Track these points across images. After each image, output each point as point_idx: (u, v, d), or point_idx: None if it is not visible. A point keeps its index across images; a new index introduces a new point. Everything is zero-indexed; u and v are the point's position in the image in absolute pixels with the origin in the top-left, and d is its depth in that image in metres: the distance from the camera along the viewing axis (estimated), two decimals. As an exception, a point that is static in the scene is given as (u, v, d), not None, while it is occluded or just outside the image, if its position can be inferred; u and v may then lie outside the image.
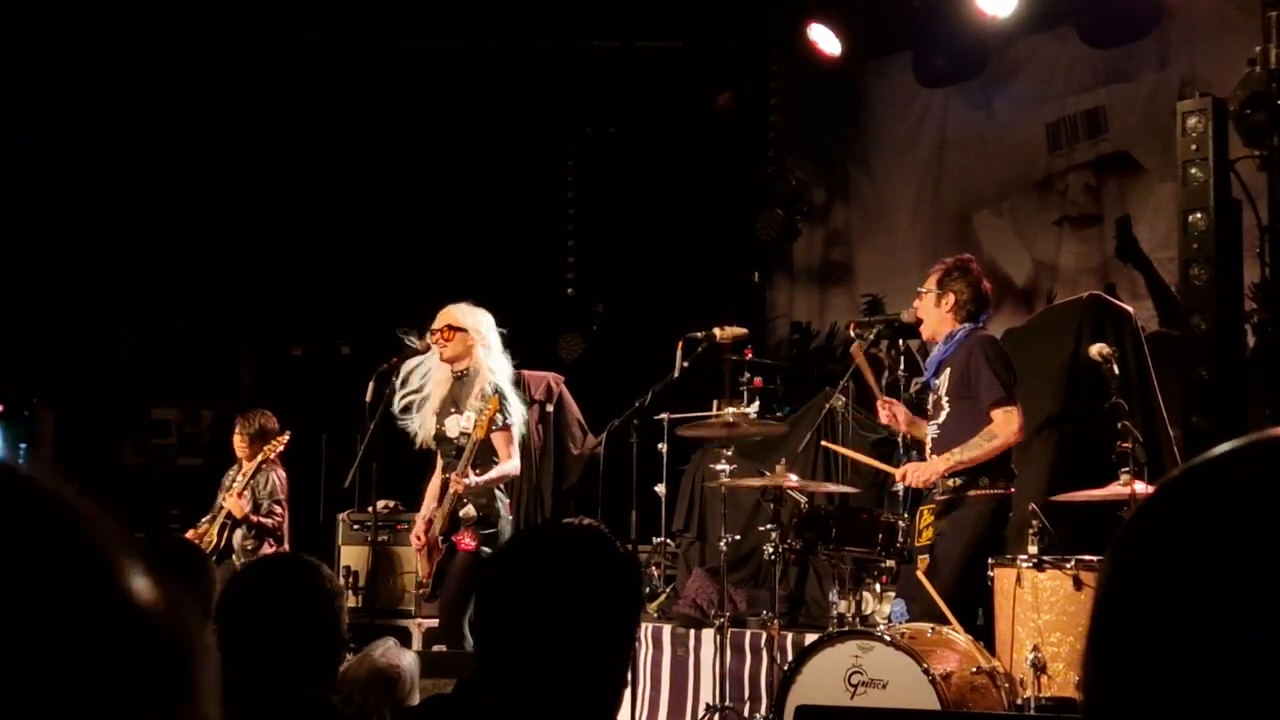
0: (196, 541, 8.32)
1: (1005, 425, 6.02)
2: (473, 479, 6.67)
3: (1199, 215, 5.24)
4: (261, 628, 2.70)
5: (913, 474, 6.18)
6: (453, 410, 6.90)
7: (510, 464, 6.89)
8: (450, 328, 6.90)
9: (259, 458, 8.35)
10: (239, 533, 8.39)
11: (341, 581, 9.12)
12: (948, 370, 6.20)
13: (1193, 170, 5.31)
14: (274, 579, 2.86)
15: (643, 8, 11.49)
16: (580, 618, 2.19)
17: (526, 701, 2.19)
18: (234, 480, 8.50)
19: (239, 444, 8.53)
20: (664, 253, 11.67)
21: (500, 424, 6.77)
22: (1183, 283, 5.42)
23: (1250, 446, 0.75)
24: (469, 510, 6.78)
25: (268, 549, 8.38)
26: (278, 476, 8.47)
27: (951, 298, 6.25)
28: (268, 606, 2.74)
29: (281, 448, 8.41)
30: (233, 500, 8.28)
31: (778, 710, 5.59)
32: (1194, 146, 5.34)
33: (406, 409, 7.03)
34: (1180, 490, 0.76)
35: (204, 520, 8.52)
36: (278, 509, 8.48)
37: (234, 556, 8.32)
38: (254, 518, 8.34)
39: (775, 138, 11.81)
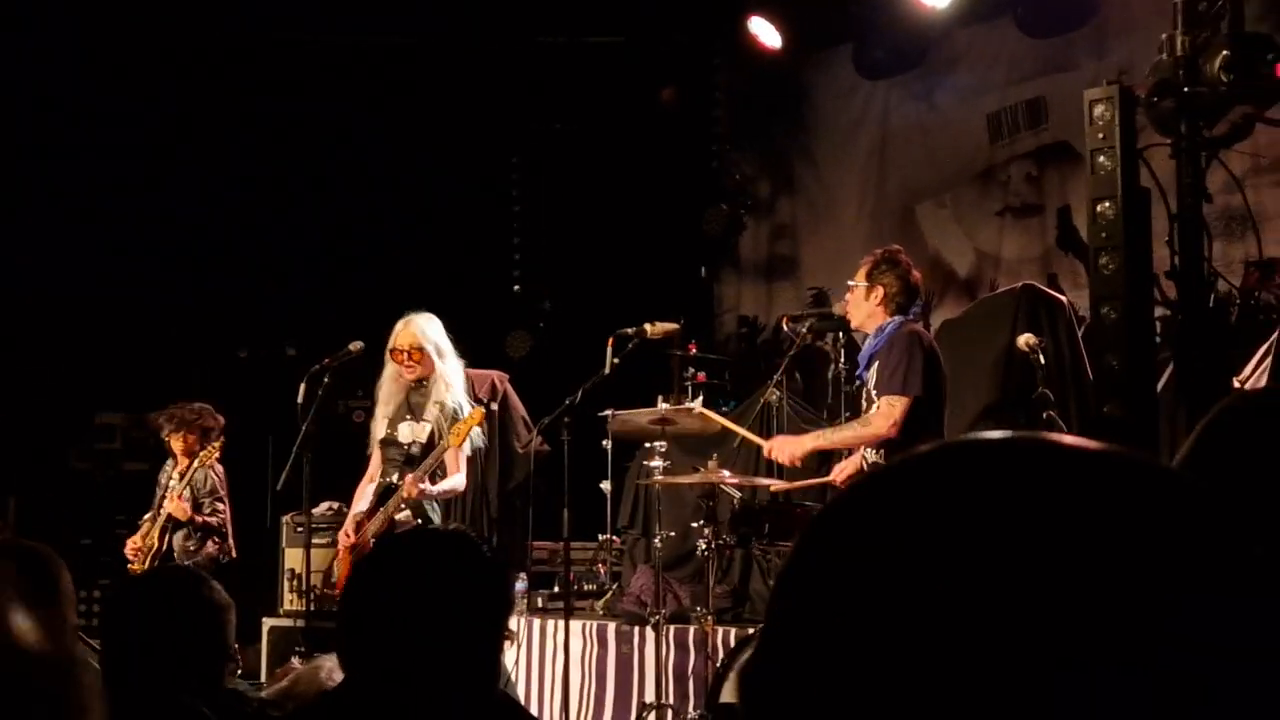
0: (140, 546, 8.26)
1: (884, 415, 5.93)
2: (429, 486, 6.66)
3: (1107, 204, 5.23)
4: (145, 639, 2.67)
5: (779, 448, 6.13)
6: (407, 416, 6.87)
7: (458, 478, 6.87)
8: (419, 350, 6.84)
9: (195, 462, 8.27)
10: (180, 534, 8.33)
11: (287, 584, 9.09)
12: (877, 364, 6.19)
13: (1101, 159, 5.30)
14: (159, 591, 2.83)
15: (587, 3, 11.46)
16: (445, 623, 2.16)
17: (395, 709, 2.17)
18: (171, 478, 8.43)
19: (175, 436, 8.44)
20: (611, 248, 11.64)
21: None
22: (1093, 272, 5.41)
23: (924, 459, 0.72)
24: (406, 515, 6.76)
25: (211, 548, 8.32)
26: (215, 474, 8.41)
27: (880, 290, 6.23)
28: (152, 618, 2.70)
29: (217, 454, 8.34)
30: (174, 503, 8.21)
31: (710, 707, 5.58)
32: (1101, 135, 5.33)
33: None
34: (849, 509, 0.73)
35: (145, 519, 8.46)
36: (220, 506, 8.42)
37: (176, 558, 8.26)
38: (197, 518, 8.28)
39: (719, 132, 11.82)
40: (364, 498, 7.01)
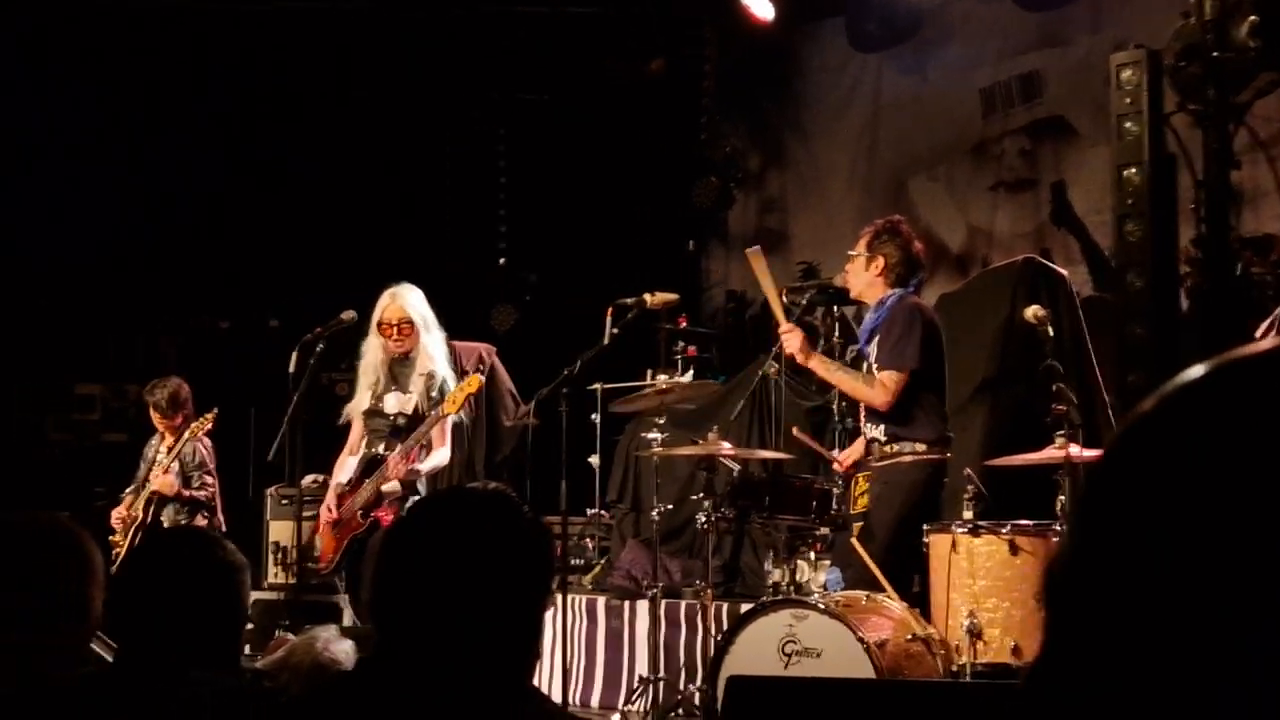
0: (124, 519, 8.13)
1: (882, 389, 5.93)
2: (418, 465, 6.63)
3: (1133, 170, 5.13)
4: (158, 604, 2.55)
5: (792, 339, 6.13)
6: (393, 387, 6.81)
7: (443, 453, 6.85)
8: (409, 323, 6.78)
9: (185, 434, 8.13)
10: (169, 509, 8.20)
11: (272, 558, 8.97)
12: (878, 338, 6.11)
13: (1127, 124, 5.19)
14: (171, 552, 2.70)
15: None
16: (486, 586, 2.06)
17: (432, 677, 2.06)
18: (158, 451, 8.30)
19: (154, 416, 8.34)
20: (597, 221, 11.54)
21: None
22: (1117, 239, 5.31)
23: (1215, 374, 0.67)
24: (394, 485, 6.69)
25: (200, 522, 8.20)
26: (204, 446, 8.27)
27: (881, 260, 6.14)
28: (165, 581, 2.58)
29: (209, 425, 8.19)
30: (162, 479, 8.07)
31: (711, 681, 5.51)
32: (1128, 100, 5.21)
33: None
34: (1152, 427, 0.67)
35: (127, 493, 8.32)
36: (209, 479, 8.30)
37: (166, 532, 8.14)
38: (185, 493, 8.16)
39: (708, 104, 11.70)
40: (345, 470, 6.93)
